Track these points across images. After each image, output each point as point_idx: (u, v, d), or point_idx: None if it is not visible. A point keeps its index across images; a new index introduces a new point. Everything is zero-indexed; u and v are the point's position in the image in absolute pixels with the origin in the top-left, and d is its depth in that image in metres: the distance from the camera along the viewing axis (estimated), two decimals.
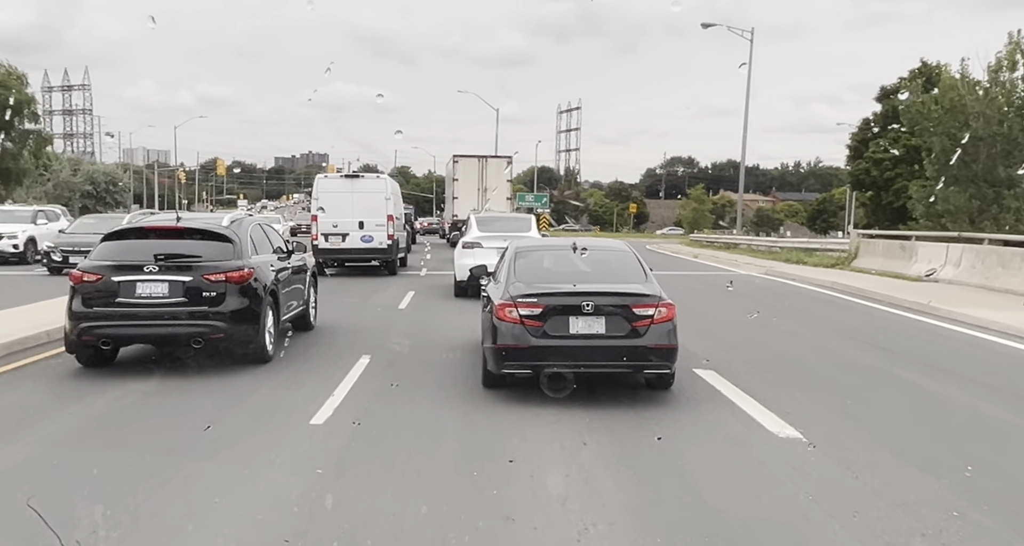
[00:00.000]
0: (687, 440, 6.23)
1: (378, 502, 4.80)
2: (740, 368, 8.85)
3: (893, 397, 7.86)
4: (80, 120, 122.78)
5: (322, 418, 6.63)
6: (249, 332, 8.54)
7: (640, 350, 7.06)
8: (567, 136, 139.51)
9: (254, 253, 9.16)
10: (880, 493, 4.98)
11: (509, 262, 8.06)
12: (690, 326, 11.81)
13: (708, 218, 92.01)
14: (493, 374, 7.38)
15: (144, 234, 8.95)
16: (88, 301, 8.28)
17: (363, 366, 8.68)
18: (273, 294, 9.18)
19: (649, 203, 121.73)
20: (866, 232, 24.94)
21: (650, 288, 7.50)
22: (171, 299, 8.25)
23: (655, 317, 7.13)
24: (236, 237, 8.93)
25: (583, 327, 7.07)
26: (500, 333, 7.15)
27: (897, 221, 38.81)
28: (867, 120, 43.61)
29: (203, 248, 8.66)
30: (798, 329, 12.50)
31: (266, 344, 8.84)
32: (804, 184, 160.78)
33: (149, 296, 8.24)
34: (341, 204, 19.81)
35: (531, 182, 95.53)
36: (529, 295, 7.16)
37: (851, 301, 16.00)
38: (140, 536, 4.31)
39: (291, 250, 10.78)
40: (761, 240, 35.52)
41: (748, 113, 43.84)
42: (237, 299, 8.43)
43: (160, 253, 8.37)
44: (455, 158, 35.61)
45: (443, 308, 14.30)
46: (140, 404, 7.35)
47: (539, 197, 58.89)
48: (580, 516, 4.57)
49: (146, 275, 8.25)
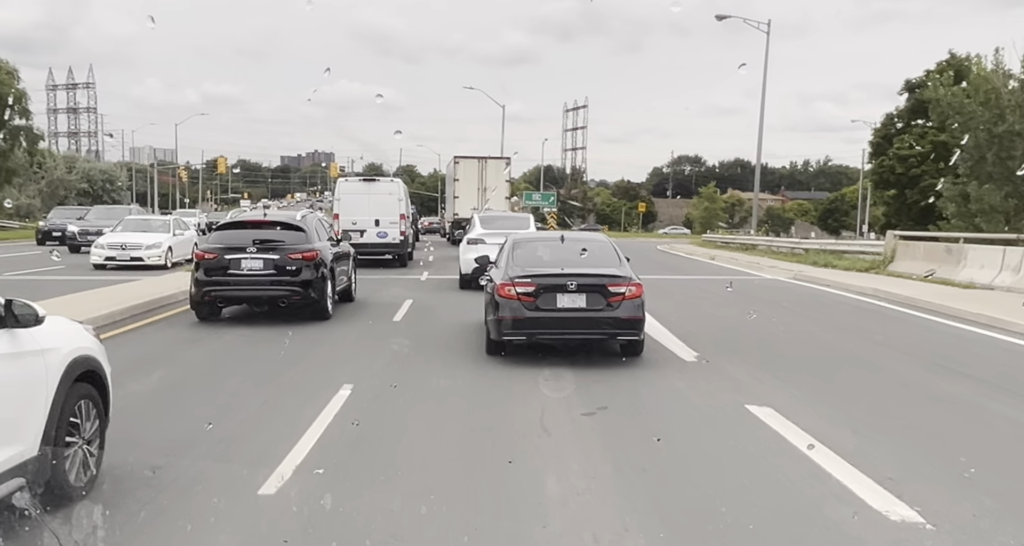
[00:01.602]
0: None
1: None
2: (804, 403, 7.14)
3: (1003, 442, 6.12)
4: (84, 118, 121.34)
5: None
6: (317, 296, 11.64)
7: (614, 321, 8.60)
8: (573, 134, 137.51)
9: (318, 240, 12.19)
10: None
11: (508, 251, 9.68)
12: (731, 343, 10.11)
13: (720, 217, 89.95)
14: (495, 342, 8.94)
15: (244, 225, 12.30)
16: (208, 272, 11.44)
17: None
18: (331, 270, 12.18)
19: (657, 202, 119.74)
20: (904, 234, 23.12)
21: (623, 271, 8.94)
22: (264, 271, 11.44)
23: (626, 294, 8.59)
24: (306, 227, 12.12)
25: (568, 302, 8.55)
26: (500, 307, 8.63)
27: (923, 221, 36.99)
28: (890, 115, 41.59)
29: (284, 235, 11.85)
30: (859, 350, 10.75)
31: (327, 305, 11.93)
32: (814, 183, 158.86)
33: (249, 269, 11.43)
34: (359, 204, 22.29)
35: (536, 181, 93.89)
36: (524, 276, 8.67)
37: (903, 313, 14.22)
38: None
39: (339, 239, 14.02)
40: (782, 241, 33.63)
41: (764, 109, 42.04)
42: (309, 272, 11.52)
43: (256, 239, 11.62)
44: (456, 159, 36.71)
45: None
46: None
47: (546, 196, 57.20)
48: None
49: (247, 254, 11.41)
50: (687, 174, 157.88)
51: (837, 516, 4.59)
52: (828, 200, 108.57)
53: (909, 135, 38.87)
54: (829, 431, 6.21)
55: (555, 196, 59.81)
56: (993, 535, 4.37)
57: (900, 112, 40.99)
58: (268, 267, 11.45)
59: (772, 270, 23.96)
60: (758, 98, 53.54)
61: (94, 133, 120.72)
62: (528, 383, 7.94)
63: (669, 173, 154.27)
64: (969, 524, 4.48)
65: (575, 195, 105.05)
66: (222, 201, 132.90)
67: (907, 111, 39.82)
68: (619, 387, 7.84)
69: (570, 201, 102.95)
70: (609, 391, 7.63)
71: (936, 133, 36.55)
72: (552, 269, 8.88)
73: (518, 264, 9.14)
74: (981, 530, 4.41)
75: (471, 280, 15.44)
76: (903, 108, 40.41)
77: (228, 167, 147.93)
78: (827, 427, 6.36)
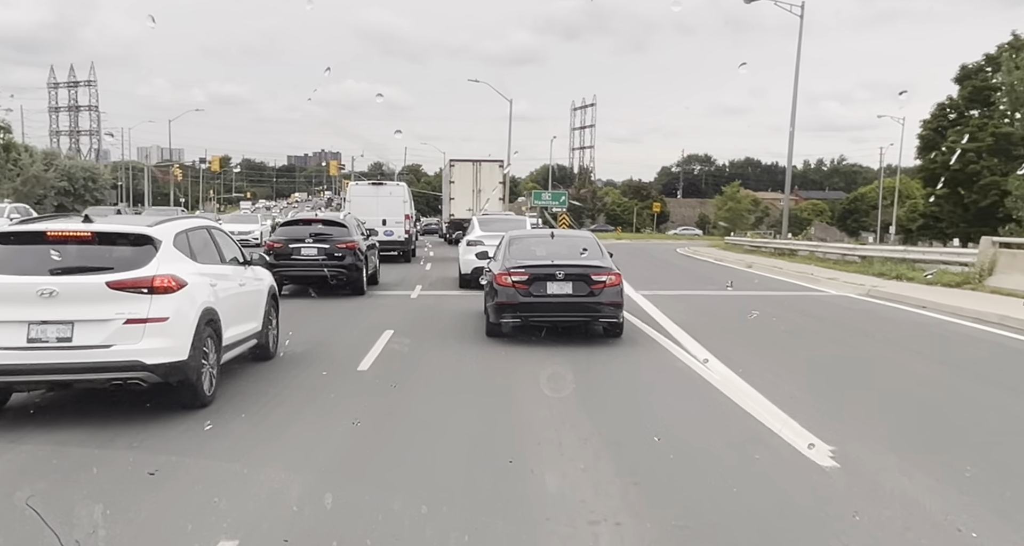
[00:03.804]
0: None
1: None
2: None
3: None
4: (86, 117, 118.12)
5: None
6: (356, 276, 15.70)
7: (597, 305, 10.18)
8: (581, 133, 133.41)
9: (356, 234, 16.27)
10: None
11: (505, 246, 11.37)
12: (875, 425, 6.16)
13: (746, 219, 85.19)
14: (493, 324, 10.53)
15: (301, 223, 16.83)
16: (277, 257, 14.76)
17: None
18: (365, 258, 16.15)
19: (668, 202, 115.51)
20: (1006, 241, 19.05)
21: (605, 263, 10.53)
22: (318, 258, 15.39)
23: (607, 282, 10.14)
24: (348, 224, 16.51)
25: (556, 289, 10.10)
26: (498, 293, 10.23)
27: (982, 223, 32.89)
28: (942, 106, 37.25)
29: (332, 230, 15.94)
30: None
31: (363, 285, 16.02)
32: (827, 182, 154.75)
33: (307, 256, 15.46)
34: (368, 205, 24.94)
35: (543, 181, 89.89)
36: (519, 266, 10.25)
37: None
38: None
39: (368, 233, 18.17)
40: (830, 247, 29.27)
41: (796, 102, 37.94)
42: (350, 258, 15.49)
43: (311, 232, 15.84)
44: (451, 162, 38.40)
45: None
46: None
47: (557, 195, 53.02)
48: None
49: (305, 244, 15.55)
50: (696, 173, 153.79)
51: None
52: (847, 200, 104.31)
53: (967, 126, 34.69)
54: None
55: (566, 195, 55.52)
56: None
57: (954, 101, 36.71)
58: (321, 254, 15.30)
59: (832, 283, 19.94)
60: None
61: (96, 131, 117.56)
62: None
63: (679, 172, 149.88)
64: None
65: (584, 195, 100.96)
66: (225, 200, 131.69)
67: (964, 100, 35.56)
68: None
69: (574, 201, 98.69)
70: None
71: (999, 124, 32.40)
72: (543, 261, 10.40)
73: (514, 256, 10.68)
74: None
75: (471, 280, 16.29)
76: (958, 96, 36.06)
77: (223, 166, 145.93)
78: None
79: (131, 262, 6.30)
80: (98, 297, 6.05)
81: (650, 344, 10.56)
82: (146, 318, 6.12)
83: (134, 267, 6.24)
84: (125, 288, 6.12)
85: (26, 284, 5.99)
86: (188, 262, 6.83)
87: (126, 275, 6.18)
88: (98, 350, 6.02)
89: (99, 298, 6.05)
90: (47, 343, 5.98)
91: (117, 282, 6.11)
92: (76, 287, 6.07)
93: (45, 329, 5.99)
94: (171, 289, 6.30)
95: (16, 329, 5.96)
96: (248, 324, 8.17)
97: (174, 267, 6.49)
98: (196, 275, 6.77)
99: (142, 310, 6.13)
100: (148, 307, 6.16)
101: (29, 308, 5.96)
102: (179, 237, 6.94)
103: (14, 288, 6.02)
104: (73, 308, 6.00)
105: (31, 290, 5.95)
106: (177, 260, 6.65)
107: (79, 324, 6.00)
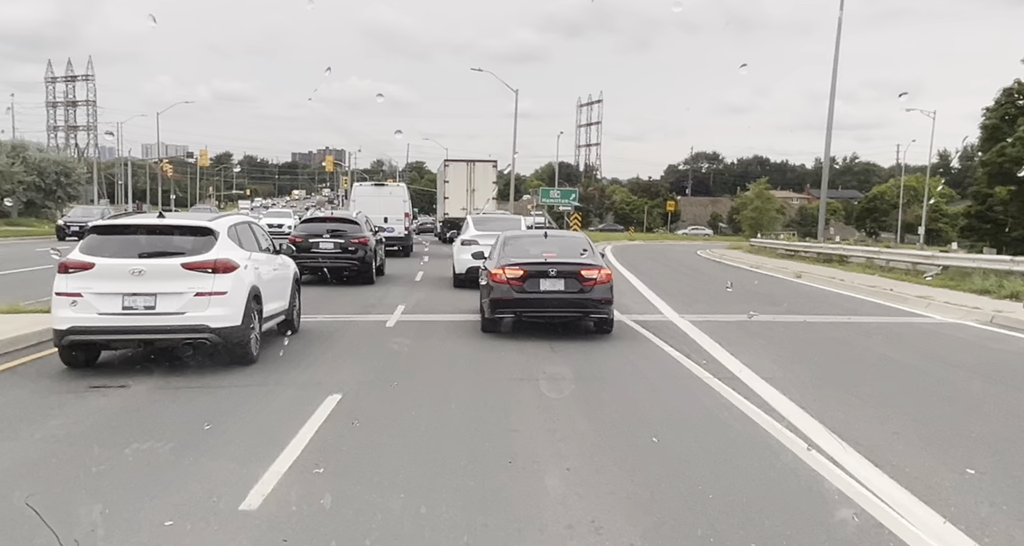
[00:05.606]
0: None
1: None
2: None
3: None
4: (83, 112, 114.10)
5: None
6: (367, 268, 17.99)
7: (587, 301, 10.61)
8: (587, 130, 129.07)
9: (367, 230, 18.87)
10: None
11: (500, 244, 11.89)
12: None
13: (776, 219, 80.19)
14: (489, 320, 10.97)
15: (319, 220, 19.09)
16: (299, 250, 15.32)
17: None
18: (375, 252, 18.69)
19: (678, 201, 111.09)
20: None
21: (595, 261, 11.07)
22: (334, 251, 17.66)
23: (597, 279, 10.59)
24: (360, 221, 18.92)
25: (549, 286, 10.58)
26: (493, 289, 10.70)
27: None
28: (1009, 91, 32.75)
29: (346, 227, 18.26)
30: None
31: (373, 275, 18.39)
32: (840, 181, 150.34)
33: (325, 249, 17.70)
34: (371, 204, 26.69)
35: (548, 178, 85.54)
36: (514, 264, 10.74)
37: None
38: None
39: (377, 230, 21.55)
40: (896, 253, 24.66)
41: (835, 92, 33.71)
42: (362, 251, 17.74)
43: (328, 229, 18.09)
44: (446, 162, 39.74)
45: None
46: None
47: (566, 192, 48.56)
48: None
49: (323, 238, 17.81)
50: (704, 172, 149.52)
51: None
52: (865, 199, 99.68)
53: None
54: None
55: (576, 193, 50.99)
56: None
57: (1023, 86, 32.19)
58: (336, 248, 17.80)
59: (929, 304, 15.53)
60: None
61: (93, 127, 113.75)
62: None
63: (687, 170, 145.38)
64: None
65: (591, 193, 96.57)
66: (225, 198, 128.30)
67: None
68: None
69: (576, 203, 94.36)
70: None
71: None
72: (536, 258, 11.04)
73: (509, 254, 11.32)
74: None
75: (465, 280, 16.79)
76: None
77: (222, 162, 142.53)
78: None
79: (198, 248, 8.27)
80: (175, 275, 8.02)
81: (759, 442, 6.20)
82: (211, 292, 8.08)
83: (200, 252, 8.21)
84: (195, 268, 8.08)
85: (122, 265, 8.01)
86: (238, 249, 8.74)
87: (195, 258, 8.16)
88: (175, 316, 8.01)
89: (176, 276, 8.02)
90: (137, 310, 7.96)
91: (189, 264, 8.08)
92: (159, 267, 8.04)
93: (135, 299, 7.95)
94: (229, 269, 8.26)
95: (114, 299, 7.96)
96: (280, 301, 10.04)
97: (229, 253, 8.44)
98: (245, 260, 8.70)
99: (208, 285, 8.08)
100: (212, 283, 8.11)
101: (124, 283, 7.94)
102: (231, 229, 8.86)
103: (113, 268, 7.99)
104: (156, 283, 7.98)
105: (125, 269, 7.95)
106: (231, 247, 8.58)
107: (161, 296, 7.97)
